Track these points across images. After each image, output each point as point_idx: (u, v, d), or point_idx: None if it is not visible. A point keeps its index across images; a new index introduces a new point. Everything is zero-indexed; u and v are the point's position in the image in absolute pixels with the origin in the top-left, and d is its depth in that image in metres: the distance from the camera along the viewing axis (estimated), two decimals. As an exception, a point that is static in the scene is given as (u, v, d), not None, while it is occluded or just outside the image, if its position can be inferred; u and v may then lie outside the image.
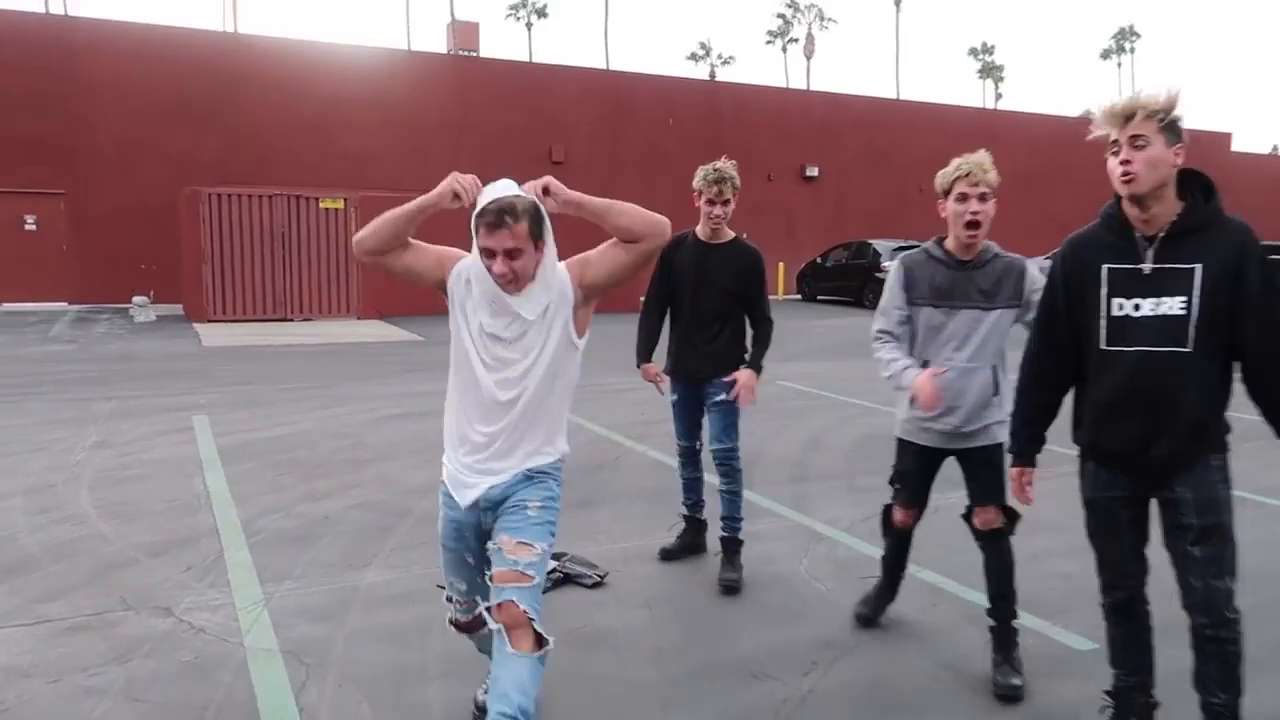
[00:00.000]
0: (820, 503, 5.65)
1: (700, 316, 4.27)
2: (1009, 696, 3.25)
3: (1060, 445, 2.97)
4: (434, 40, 48.77)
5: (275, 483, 5.91)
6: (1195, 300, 2.49)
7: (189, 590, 4.11)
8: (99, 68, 19.52)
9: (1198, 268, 2.49)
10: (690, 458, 4.54)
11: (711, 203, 4.16)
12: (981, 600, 3.61)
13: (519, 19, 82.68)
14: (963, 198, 3.24)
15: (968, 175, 3.23)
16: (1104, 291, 2.59)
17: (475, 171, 2.62)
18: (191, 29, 21.27)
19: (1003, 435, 3.26)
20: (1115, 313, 2.58)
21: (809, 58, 78.86)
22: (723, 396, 4.22)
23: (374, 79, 21.79)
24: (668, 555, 4.60)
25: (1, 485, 5.74)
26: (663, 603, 4.12)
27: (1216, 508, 2.56)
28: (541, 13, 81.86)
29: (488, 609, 2.55)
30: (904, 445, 3.56)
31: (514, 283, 2.49)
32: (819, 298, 23.21)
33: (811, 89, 34.72)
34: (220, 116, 20.35)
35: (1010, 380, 3.12)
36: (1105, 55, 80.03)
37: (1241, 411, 2.64)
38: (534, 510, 2.57)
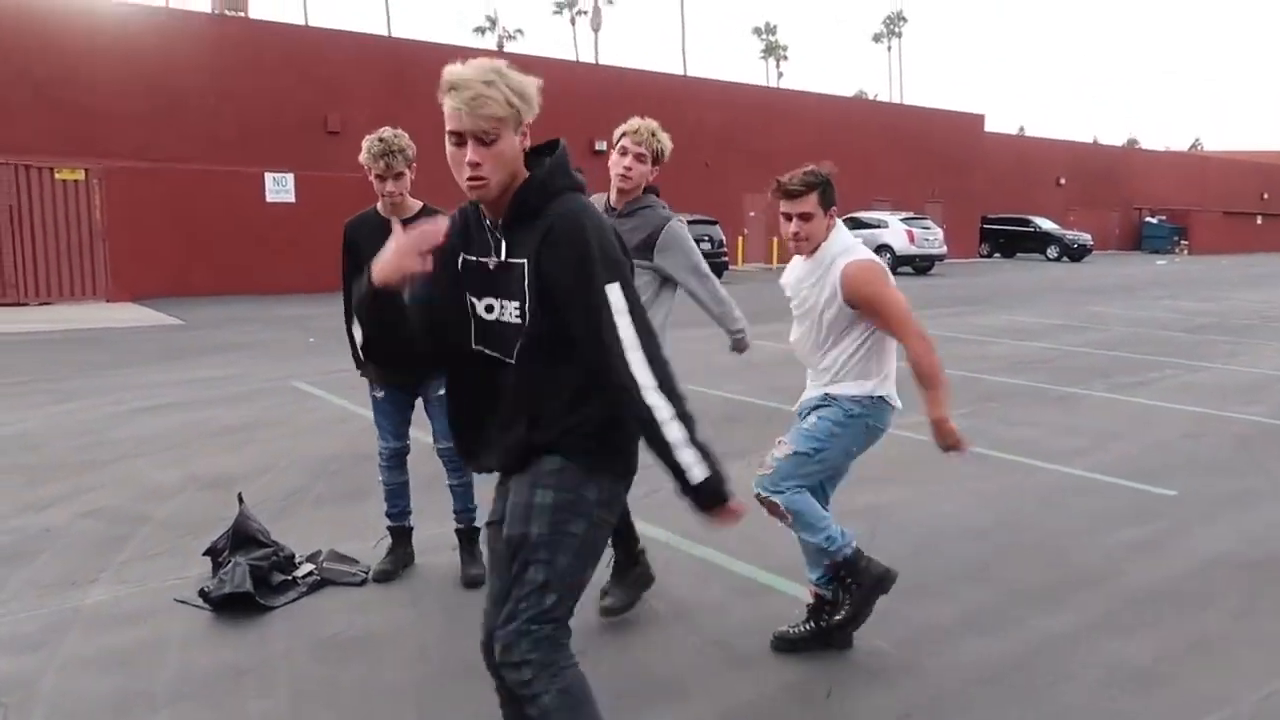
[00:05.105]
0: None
1: None
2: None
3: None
4: (198, 4, 44.94)
5: (-12, 492, 5.19)
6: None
7: None
8: None
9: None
10: (399, 460, 4.20)
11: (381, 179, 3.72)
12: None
13: (292, -20, 77.84)
14: (623, 151, 3.46)
15: (634, 132, 3.44)
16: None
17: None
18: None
19: None
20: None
21: (596, 30, 79.27)
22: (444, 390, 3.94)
23: (121, 36, 19.71)
24: (384, 577, 4.08)
25: None
26: (430, 597, 3.92)
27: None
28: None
29: None
30: None
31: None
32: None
33: (600, 63, 34.81)
34: (-70, 73, 17.81)
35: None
36: (876, 39, 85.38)
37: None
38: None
